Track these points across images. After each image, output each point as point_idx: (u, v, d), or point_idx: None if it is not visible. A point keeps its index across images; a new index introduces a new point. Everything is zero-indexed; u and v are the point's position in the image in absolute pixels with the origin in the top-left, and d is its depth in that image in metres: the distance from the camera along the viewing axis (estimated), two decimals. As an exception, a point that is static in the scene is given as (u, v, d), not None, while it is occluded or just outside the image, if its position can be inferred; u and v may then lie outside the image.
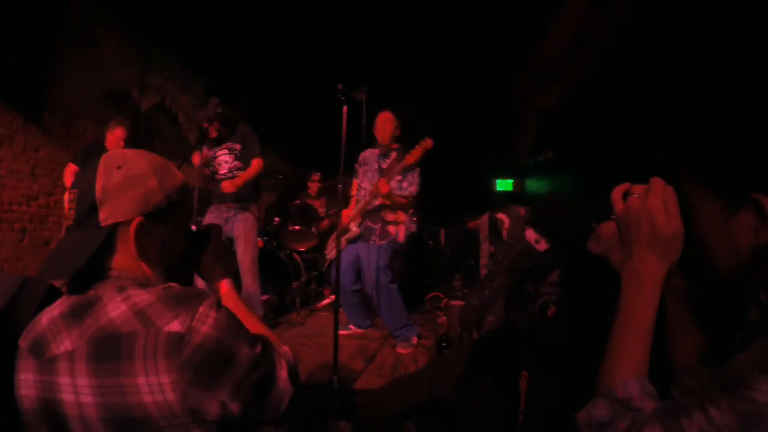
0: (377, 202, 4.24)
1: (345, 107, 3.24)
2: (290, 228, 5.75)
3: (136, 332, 0.93)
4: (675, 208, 0.96)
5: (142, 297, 0.98)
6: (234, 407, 0.96)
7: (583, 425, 0.95)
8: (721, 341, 1.04)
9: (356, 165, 4.59)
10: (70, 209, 1.08)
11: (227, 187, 4.36)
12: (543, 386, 1.17)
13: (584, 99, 6.08)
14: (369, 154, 4.52)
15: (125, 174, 1.07)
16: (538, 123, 7.93)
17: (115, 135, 4.87)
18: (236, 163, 4.59)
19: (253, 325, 1.17)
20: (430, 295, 6.07)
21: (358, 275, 4.43)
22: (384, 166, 4.34)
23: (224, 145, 4.61)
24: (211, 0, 6.66)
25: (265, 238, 6.00)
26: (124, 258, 1.08)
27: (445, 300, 5.72)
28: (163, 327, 0.93)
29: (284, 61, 7.93)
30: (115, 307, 0.97)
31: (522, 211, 3.89)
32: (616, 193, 1.03)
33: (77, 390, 0.94)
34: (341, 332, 4.02)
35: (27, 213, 5.91)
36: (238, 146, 4.60)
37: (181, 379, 0.91)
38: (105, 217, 1.05)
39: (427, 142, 3.96)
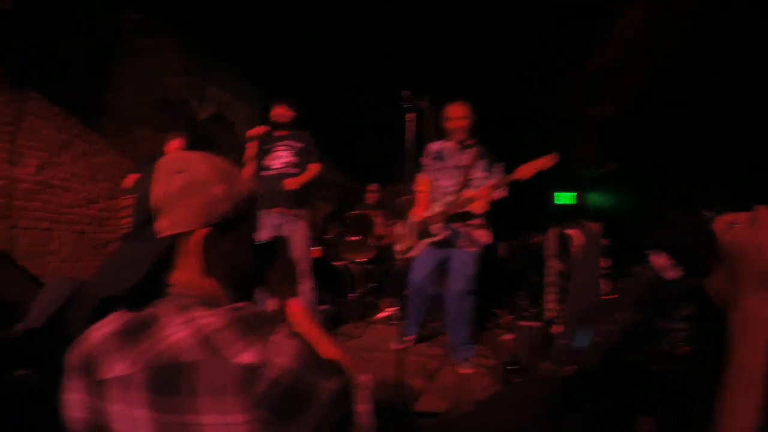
0: (468, 206, 3.98)
1: (410, 115, 3.15)
2: (348, 238, 5.70)
3: (200, 363, 0.80)
4: None
5: (207, 320, 0.85)
6: None
7: None
8: None
9: (424, 159, 4.26)
10: (127, 216, 0.97)
11: (290, 184, 4.31)
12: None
13: (649, 107, 5.85)
14: (442, 148, 4.20)
15: (187, 179, 0.95)
16: (599, 133, 7.70)
17: (173, 146, 4.98)
18: (292, 159, 4.52)
19: (327, 348, 1.03)
20: (489, 312, 5.90)
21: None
22: (464, 163, 4.08)
23: (284, 142, 4.56)
24: (267, 12, 6.70)
25: (324, 247, 5.96)
26: (185, 273, 0.95)
27: (509, 318, 5.54)
28: (232, 357, 0.80)
29: (339, 72, 7.96)
30: (176, 331, 0.85)
31: (594, 227, 3.72)
32: (721, 223, 0.89)
33: (135, 422, 0.82)
34: (395, 346, 3.81)
35: (87, 216, 6.05)
36: (299, 145, 4.55)
37: (255, 419, 0.77)
38: (164, 227, 0.93)
39: (550, 159, 3.63)
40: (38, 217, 5.44)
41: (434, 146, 4.21)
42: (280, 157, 4.51)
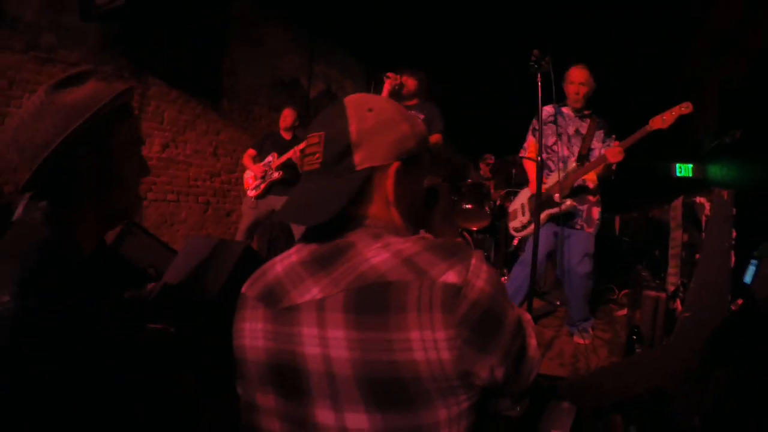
0: (592, 174, 3.79)
1: (539, 75, 3.04)
2: (463, 206, 5.70)
3: (408, 282, 0.82)
4: None
5: (404, 245, 0.89)
6: (499, 373, 0.86)
7: None
8: None
9: (536, 122, 3.73)
10: (309, 154, 1.00)
11: None
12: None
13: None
14: (558, 113, 3.94)
15: (378, 117, 0.99)
16: (721, 98, 7.19)
17: (287, 120, 5.34)
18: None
19: None
20: (603, 287, 5.77)
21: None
22: (583, 130, 3.90)
23: (410, 112, 4.61)
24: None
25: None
26: (377, 206, 0.98)
27: (622, 293, 5.42)
28: (438, 278, 0.82)
29: (442, 41, 7.91)
30: (376, 254, 0.88)
31: (726, 194, 3.54)
32: None
33: (327, 343, 0.85)
34: None
35: (210, 188, 6.61)
36: (422, 115, 4.50)
37: (458, 337, 0.80)
38: (361, 160, 0.96)
39: (687, 106, 3.37)
40: (166, 190, 6.01)
41: (549, 109, 3.91)
42: None
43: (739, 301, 2.07)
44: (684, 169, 7.88)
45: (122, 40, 5.36)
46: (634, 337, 3.26)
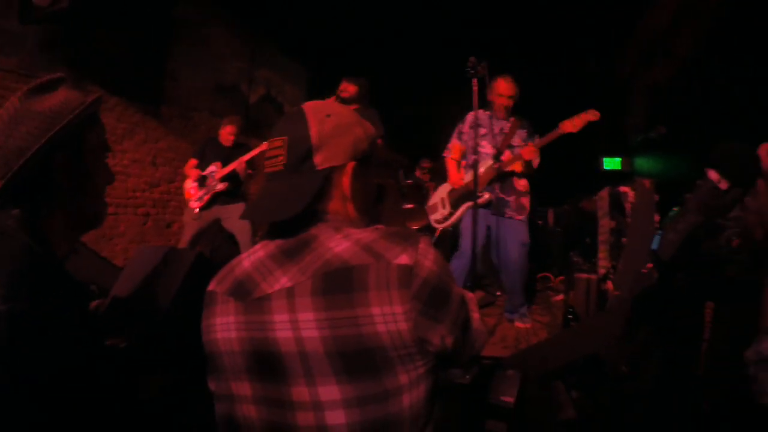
0: (510, 167, 4.06)
1: (475, 80, 3.22)
2: (405, 206, 5.85)
3: (368, 265, 0.94)
4: None
5: (362, 234, 1.01)
6: (449, 341, 0.99)
7: (751, 362, 1.03)
8: None
9: (461, 126, 4.24)
10: (271, 157, 1.09)
11: None
12: (726, 315, 1.25)
13: (697, 70, 5.83)
14: (483, 116, 4.12)
15: (336, 122, 1.10)
16: (648, 98, 7.66)
17: (227, 131, 5.22)
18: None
19: None
20: (540, 275, 6.09)
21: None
22: (505, 130, 4.13)
23: None
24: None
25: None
26: (335, 202, 1.08)
27: (558, 279, 5.72)
28: (392, 260, 0.94)
29: (384, 46, 8.04)
30: (338, 244, 0.99)
31: (647, 183, 3.85)
32: (763, 150, 1.10)
33: (298, 325, 0.94)
34: None
35: (150, 199, 6.38)
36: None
37: (412, 309, 0.92)
38: (322, 161, 1.06)
39: (593, 114, 3.72)
40: None
41: (472, 114, 3.92)
42: None
43: (649, 265, 2.32)
44: (612, 163, 8.29)
45: (61, 45, 5.16)
46: (570, 316, 3.52)
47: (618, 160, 8.17)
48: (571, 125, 3.73)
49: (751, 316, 1.23)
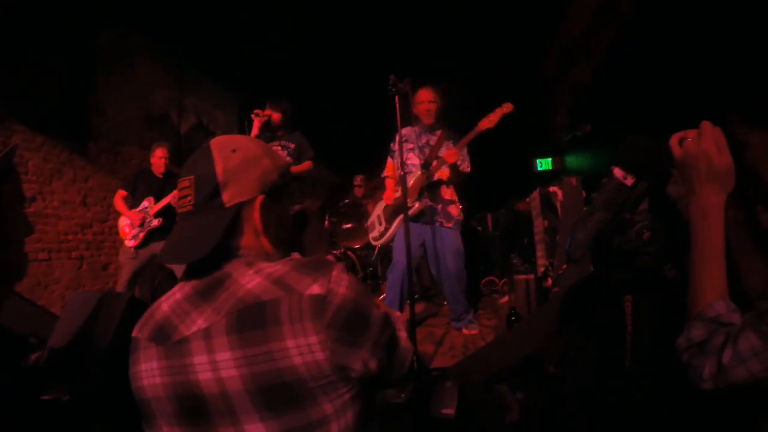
0: (437, 176, 4.08)
1: (396, 98, 3.25)
2: (343, 227, 5.87)
3: (279, 298, 0.94)
4: (725, 145, 1.08)
5: (274, 268, 1.01)
6: (372, 364, 0.99)
7: (683, 350, 1.07)
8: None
9: (392, 145, 4.29)
10: (182, 197, 1.09)
11: None
12: (646, 306, 1.29)
13: (618, 68, 6.07)
14: (410, 132, 4.27)
15: (242, 156, 1.10)
16: (572, 98, 7.91)
17: (157, 155, 5.11)
18: (288, 159, 4.64)
19: None
20: (485, 280, 6.17)
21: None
22: (432, 142, 4.20)
23: (278, 142, 4.71)
24: (236, 18, 6.79)
25: (320, 239, 6.16)
26: (247, 237, 1.09)
27: (502, 282, 5.81)
28: (304, 291, 0.95)
29: (315, 69, 8.08)
30: (250, 280, 0.99)
31: (574, 181, 3.96)
32: (674, 140, 1.17)
33: (217, 366, 0.94)
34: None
35: (83, 241, 6.14)
36: (292, 145, 4.70)
37: (328, 338, 0.93)
38: (230, 197, 1.07)
39: (507, 106, 3.80)
40: (36, 249, 5.52)
41: (403, 131, 4.00)
42: None
43: (564, 266, 2.39)
44: (544, 163, 8.50)
45: None
46: (513, 317, 3.56)
47: (549, 160, 8.39)
48: (488, 121, 3.81)
49: (669, 304, 1.28)
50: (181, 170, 1.13)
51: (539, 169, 8.48)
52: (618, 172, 1.33)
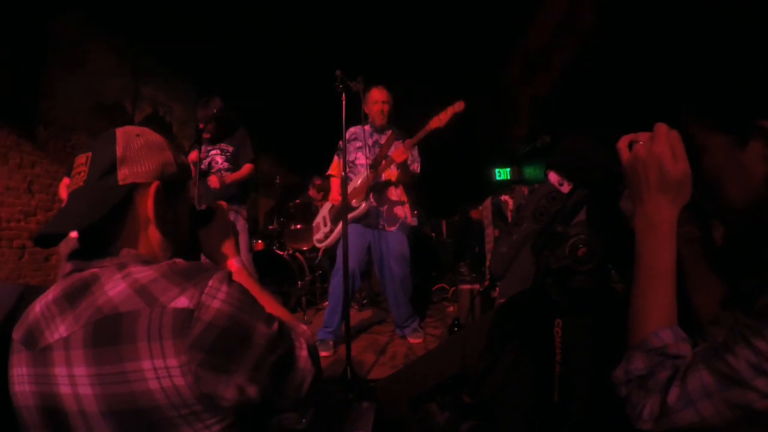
0: (384, 177, 3.99)
1: (344, 95, 3.15)
2: (292, 227, 5.70)
3: (138, 311, 0.83)
4: (681, 151, 0.95)
5: (144, 273, 0.89)
6: (252, 391, 0.87)
7: (621, 383, 0.92)
8: (741, 284, 1.01)
9: (341, 142, 3.74)
10: (75, 174, 0.99)
11: (213, 181, 4.33)
12: (578, 333, 1.13)
13: (576, 78, 6.09)
14: (359, 131, 4.13)
15: (146, 141, 1.04)
16: (532, 109, 7.95)
17: None
18: (226, 164, 4.55)
19: (268, 303, 1.05)
20: (435, 287, 6.05)
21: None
22: (382, 141, 4.10)
23: (218, 146, 4.57)
24: (197, 7, 6.63)
25: (266, 240, 5.96)
26: (133, 226, 1.00)
27: (452, 289, 5.71)
28: (168, 303, 0.83)
29: (273, 64, 7.95)
30: (114, 286, 0.87)
31: (525, 190, 3.87)
32: (622, 143, 1.02)
33: (75, 381, 0.83)
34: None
35: (26, 229, 5.88)
36: (231, 149, 4.57)
37: (191, 362, 0.81)
38: (125, 176, 0.98)
39: (459, 105, 3.63)
40: None
41: (351, 129, 4.13)
42: (216, 162, 4.53)
43: (486, 282, 2.25)
44: (503, 173, 8.51)
45: None
46: (456, 328, 3.43)
47: (508, 170, 8.40)
48: (438, 120, 3.66)
49: (604, 330, 1.12)
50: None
51: (498, 178, 8.49)
52: (553, 176, 1.17)
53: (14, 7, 5.45)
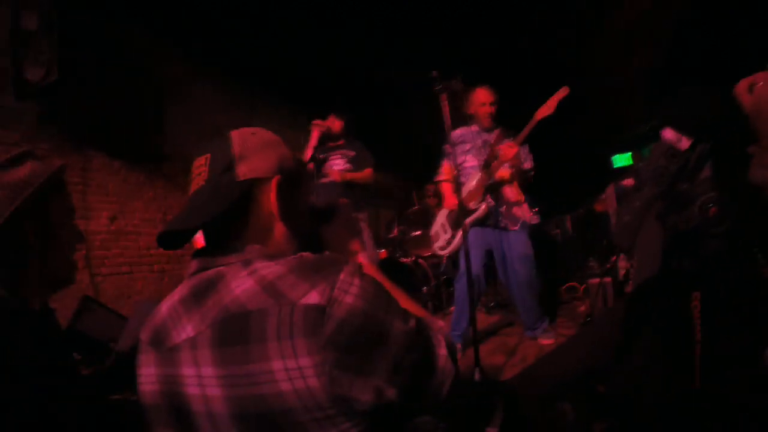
0: (497, 175, 3.84)
1: (444, 95, 3.02)
2: (412, 234, 5.72)
3: (267, 309, 0.78)
4: None
5: (270, 269, 0.84)
6: (391, 393, 0.79)
7: None
8: None
9: (448, 146, 3.71)
10: (196, 176, 1.01)
11: (335, 174, 4.45)
12: (720, 307, 0.98)
13: (684, 50, 5.64)
14: (466, 132, 4.05)
15: (261, 138, 1.04)
16: (645, 86, 7.45)
17: None
18: (348, 166, 4.62)
19: (401, 298, 0.96)
20: (565, 286, 5.79)
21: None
22: (491, 141, 3.96)
23: (338, 152, 4.67)
24: (299, 40, 6.96)
25: (389, 248, 6.01)
26: (257, 222, 0.98)
27: (583, 287, 5.43)
28: (298, 300, 0.77)
29: (373, 82, 8.11)
30: (240, 283, 0.83)
31: (648, 170, 3.59)
32: (741, 87, 0.87)
33: (203, 382, 0.81)
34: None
35: (164, 255, 6.37)
36: (352, 153, 4.67)
37: (325, 362, 0.74)
38: (245, 171, 0.97)
39: (564, 90, 3.54)
40: (119, 263, 5.79)
41: (457, 132, 4.03)
42: (336, 166, 4.61)
43: (612, 258, 2.03)
44: (623, 159, 8.02)
45: (59, 116, 5.21)
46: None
47: (629, 155, 7.89)
48: (546, 108, 3.54)
49: (749, 301, 0.97)
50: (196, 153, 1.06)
51: (617, 165, 8.00)
52: (669, 133, 1.03)
53: (131, 55, 5.96)
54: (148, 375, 0.93)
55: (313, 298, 0.77)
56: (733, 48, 4.28)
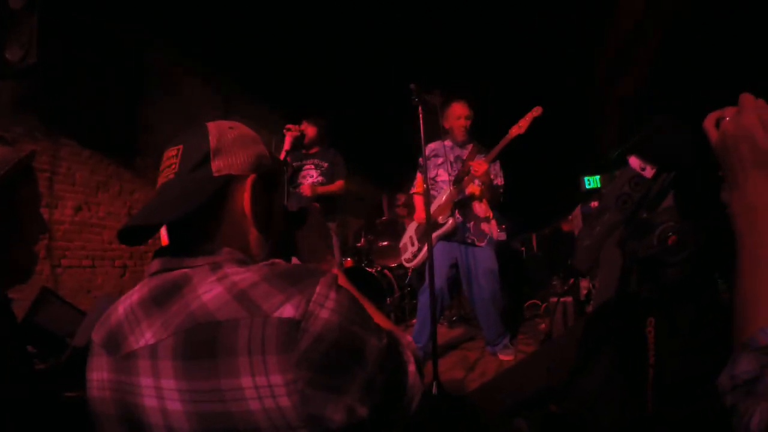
0: (468, 191, 3.87)
1: (420, 108, 3.04)
2: (380, 244, 5.72)
3: (238, 320, 0.72)
4: None
5: (242, 275, 0.79)
6: (363, 412, 0.74)
7: (727, 390, 0.79)
8: None
9: (420, 159, 3.65)
10: (165, 167, 0.94)
11: (305, 189, 4.41)
12: (674, 333, 1.00)
13: (664, 78, 5.77)
14: (439, 146, 4.07)
15: (239, 133, 0.97)
16: (621, 111, 7.62)
17: None
18: (320, 178, 4.61)
19: (370, 310, 0.91)
20: (527, 303, 5.86)
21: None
22: (464, 156, 4.01)
23: (312, 160, 4.66)
24: (281, 39, 6.88)
25: (355, 257, 6.00)
26: (230, 222, 0.92)
27: (544, 305, 5.50)
28: (272, 312, 0.72)
29: (354, 86, 8.09)
30: (209, 289, 0.78)
31: (615, 193, 3.67)
32: (709, 122, 0.89)
33: (162, 394, 0.75)
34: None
35: (127, 251, 6.23)
36: (325, 164, 4.66)
37: (298, 379, 0.70)
38: (219, 167, 0.91)
39: (537, 110, 3.57)
40: (80, 256, 5.66)
41: (431, 145, 4.04)
42: (311, 176, 4.61)
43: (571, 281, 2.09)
44: (593, 181, 8.15)
45: (34, 100, 5.09)
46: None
47: (598, 177, 8.04)
48: (518, 128, 3.59)
49: (704, 330, 1.00)
50: (169, 144, 0.99)
51: (587, 187, 8.14)
52: (634, 161, 1.06)
53: (111, 44, 5.84)
54: (99, 380, 0.87)
55: (288, 311, 0.73)
56: (709, 77, 4.39)
